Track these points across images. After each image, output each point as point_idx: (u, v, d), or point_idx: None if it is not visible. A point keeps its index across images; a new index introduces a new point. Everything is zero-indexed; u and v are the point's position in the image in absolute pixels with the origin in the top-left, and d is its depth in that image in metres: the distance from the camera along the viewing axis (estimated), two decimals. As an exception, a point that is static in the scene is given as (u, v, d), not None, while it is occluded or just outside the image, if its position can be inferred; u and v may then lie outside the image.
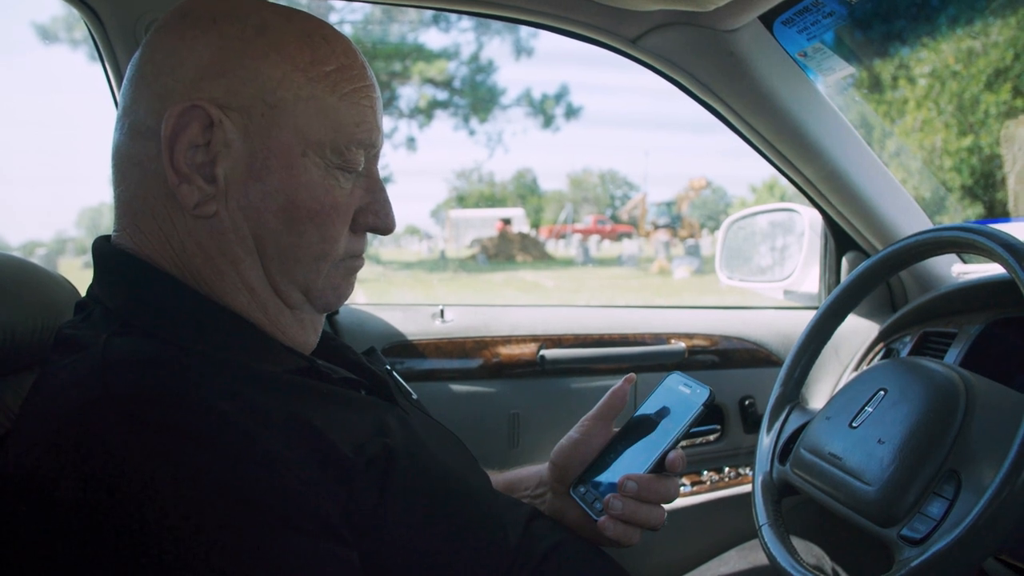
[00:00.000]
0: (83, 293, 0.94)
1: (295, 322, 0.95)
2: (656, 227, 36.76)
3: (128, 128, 0.87)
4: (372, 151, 0.93)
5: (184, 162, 0.83)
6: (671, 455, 1.04)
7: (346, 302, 1.78)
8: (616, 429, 1.15)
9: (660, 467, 1.05)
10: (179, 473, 0.66)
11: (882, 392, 1.27)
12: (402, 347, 1.83)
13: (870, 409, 1.27)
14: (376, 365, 1.12)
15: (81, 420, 0.69)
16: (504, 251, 31.30)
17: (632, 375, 1.18)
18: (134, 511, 0.64)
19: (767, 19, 1.59)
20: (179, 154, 0.83)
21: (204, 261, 0.87)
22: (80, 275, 0.95)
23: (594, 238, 37.15)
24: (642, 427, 1.11)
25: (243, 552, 0.67)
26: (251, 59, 0.84)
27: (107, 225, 0.93)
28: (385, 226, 0.96)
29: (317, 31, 0.89)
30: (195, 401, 0.72)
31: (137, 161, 0.86)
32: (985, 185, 15.44)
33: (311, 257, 0.90)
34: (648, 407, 1.13)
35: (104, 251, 0.90)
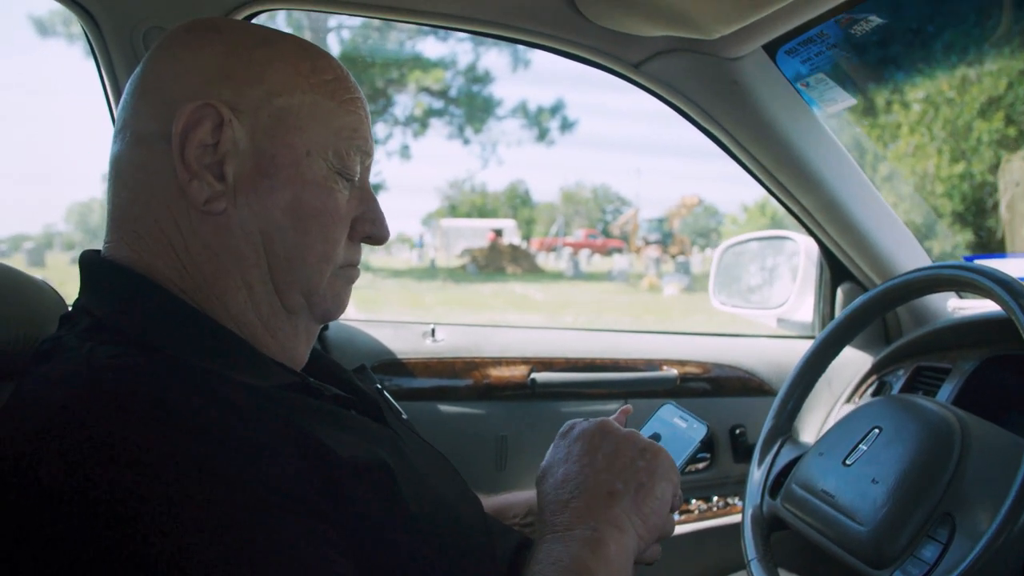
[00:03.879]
0: (66, 298, 0.93)
1: (289, 328, 0.95)
2: (647, 243, 36.81)
3: (130, 137, 0.89)
4: (367, 160, 0.97)
5: (194, 159, 0.85)
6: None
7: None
8: None
9: None
10: (164, 461, 0.68)
11: (876, 430, 1.27)
12: (391, 365, 1.81)
13: (864, 447, 1.26)
14: (367, 384, 1.11)
15: (67, 412, 0.70)
16: (494, 262, 31.25)
17: (628, 407, 1.16)
18: (120, 498, 0.65)
19: (771, 48, 1.59)
20: (190, 152, 0.85)
21: (208, 260, 0.88)
22: (68, 270, 0.94)
23: (585, 252, 37.15)
24: None
25: (227, 535, 0.67)
26: (257, 64, 0.88)
27: (97, 221, 0.94)
28: (381, 235, 0.99)
29: (313, 48, 0.94)
30: (181, 402, 0.73)
31: (140, 165, 0.88)
32: (976, 212, 15.53)
33: (316, 258, 0.92)
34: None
35: (93, 262, 0.90)
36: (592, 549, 0.88)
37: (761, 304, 2.30)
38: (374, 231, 0.98)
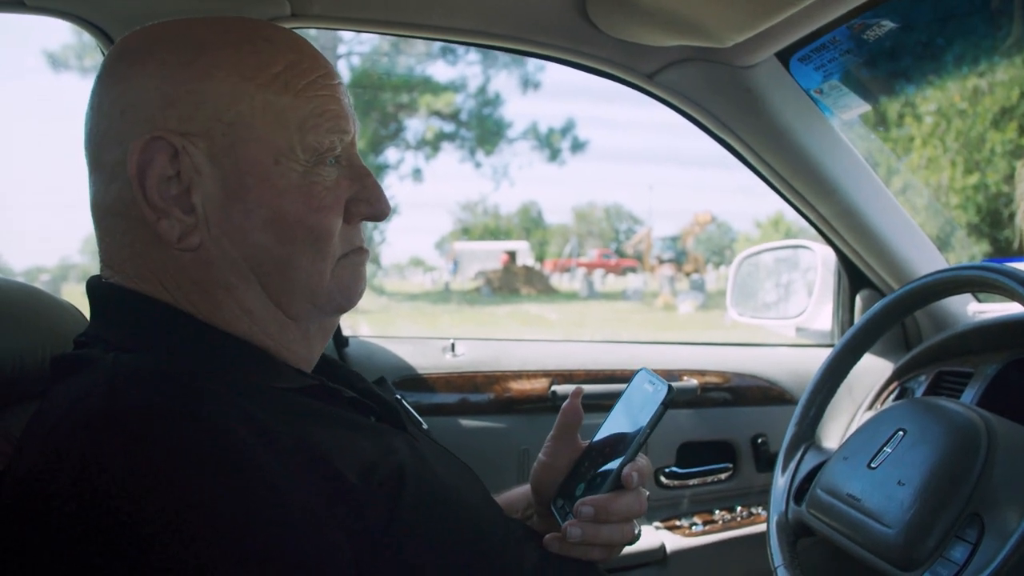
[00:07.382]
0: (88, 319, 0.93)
1: (300, 336, 0.93)
2: (661, 261, 36.70)
3: (100, 182, 0.87)
4: (346, 137, 0.90)
5: (158, 196, 0.82)
6: (626, 470, 0.98)
7: (353, 334, 1.77)
8: (594, 439, 1.10)
9: (620, 483, 0.98)
10: (179, 497, 0.66)
11: (901, 432, 1.26)
12: (412, 380, 1.81)
13: (889, 450, 1.25)
14: (386, 394, 1.10)
15: (85, 436, 0.68)
16: (508, 284, 31.22)
17: (580, 387, 1.15)
18: (130, 532, 0.64)
19: (784, 56, 1.60)
20: (151, 189, 0.82)
21: (200, 295, 0.86)
22: (83, 301, 0.94)
23: (599, 272, 37.09)
24: (613, 430, 1.05)
25: (231, 562, 0.66)
26: (196, 83, 0.83)
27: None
28: (379, 212, 0.93)
29: (256, 34, 0.88)
30: (205, 419, 0.71)
31: (117, 212, 0.86)
32: (992, 223, 15.46)
33: (309, 262, 0.88)
34: (619, 408, 1.07)
35: (100, 288, 0.89)
36: None
37: (779, 313, 2.30)
38: (371, 210, 0.93)
